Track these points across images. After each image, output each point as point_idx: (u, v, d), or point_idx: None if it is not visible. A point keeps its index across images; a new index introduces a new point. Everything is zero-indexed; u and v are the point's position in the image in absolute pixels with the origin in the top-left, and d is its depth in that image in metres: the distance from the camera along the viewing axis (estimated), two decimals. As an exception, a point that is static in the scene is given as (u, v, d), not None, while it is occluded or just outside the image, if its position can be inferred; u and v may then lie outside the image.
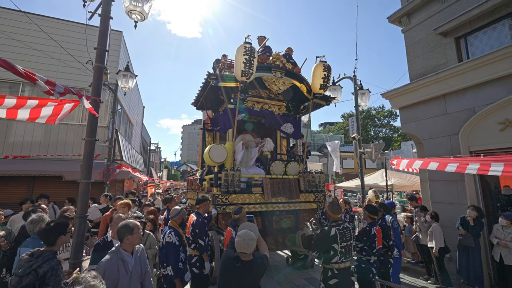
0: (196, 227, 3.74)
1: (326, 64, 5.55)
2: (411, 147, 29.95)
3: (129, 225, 2.35)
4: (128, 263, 2.27)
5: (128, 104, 13.58)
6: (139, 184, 14.54)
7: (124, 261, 2.25)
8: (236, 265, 2.21)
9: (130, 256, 2.32)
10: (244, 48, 4.69)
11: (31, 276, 2.07)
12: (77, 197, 2.98)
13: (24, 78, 2.09)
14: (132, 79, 7.52)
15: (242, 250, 2.22)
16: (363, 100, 7.92)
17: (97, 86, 3.19)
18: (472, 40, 5.69)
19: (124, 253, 2.27)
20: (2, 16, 9.04)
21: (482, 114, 4.91)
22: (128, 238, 2.30)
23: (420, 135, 6.10)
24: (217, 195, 4.74)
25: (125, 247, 2.30)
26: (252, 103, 5.88)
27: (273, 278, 5.13)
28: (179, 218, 3.52)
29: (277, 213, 5.41)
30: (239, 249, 2.24)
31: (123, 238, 2.31)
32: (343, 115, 48.57)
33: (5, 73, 8.25)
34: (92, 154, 3.09)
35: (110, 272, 2.14)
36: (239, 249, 2.24)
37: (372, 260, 3.62)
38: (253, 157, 5.59)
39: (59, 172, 8.03)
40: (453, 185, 5.37)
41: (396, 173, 10.49)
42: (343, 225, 3.04)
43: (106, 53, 3.31)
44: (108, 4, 3.44)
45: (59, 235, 2.32)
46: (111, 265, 2.18)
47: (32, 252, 2.22)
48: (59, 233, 2.32)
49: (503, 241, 4.17)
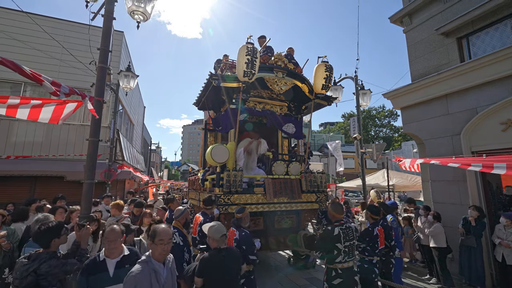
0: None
1: (328, 64, 5.54)
2: (412, 147, 29.95)
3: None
4: (161, 274, 2.04)
5: (129, 104, 13.60)
6: (140, 184, 14.55)
7: (157, 272, 2.01)
8: (221, 255, 2.47)
9: (162, 267, 2.09)
10: (246, 49, 4.69)
11: (30, 277, 2.07)
12: (81, 196, 2.99)
13: (30, 79, 2.11)
14: (133, 79, 7.54)
15: (224, 232, 2.57)
16: (364, 100, 7.92)
17: (100, 86, 3.20)
18: (474, 40, 5.68)
19: (156, 263, 2.04)
20: (4, 17, 9.06)
21: (484, 115, 4.91)
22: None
23: (422, 135, 6.10)
24: (219, 195, 4.75)
25: (154, 257, 2.06)
26: (254, 103, 5.88)
27: (274, 278, 5.14)
28: (182, 218, 3.53)
29: (279, 213, 5.41)
30: (221, 231, 2.55)
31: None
32: (343, 115, 48.56)
33: (7, 73, 8.30)
34: (95, 154, 3.11)
35: (142, 285, 1.91)
36: (220, 232, 2.55)
37: (374, 261, 3.63)
38: (253, 160, 5.59)
39: (60, 172, 8.05)
40: (454, 185, 5.37)
41: (398, 173, 10.49)
42: (346, 224, 3.05)
43: (109, 54, 3.32)
44: (111, 4, 3.46)
45: (52, 238, 2.26)
46: (143, 277, 1.94)
47: (29, 255, 2.21)
48: (51, 237, 2.26)
49: (505, 241, 4.17)
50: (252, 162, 5.50)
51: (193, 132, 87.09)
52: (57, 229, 2.32)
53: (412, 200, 7.15)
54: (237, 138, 5.39)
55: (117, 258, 2.25)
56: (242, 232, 3.24)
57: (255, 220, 5.25)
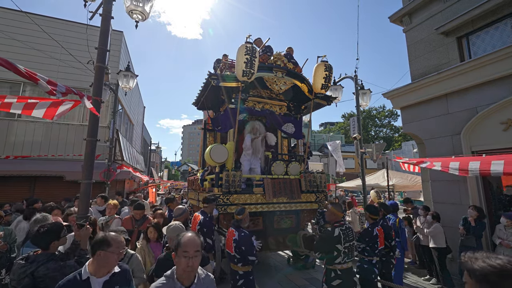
0: (205, 226, 3.77)
1: (328, 64, 5.53)
2: (412, 147, 29.90)
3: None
4: None
5: (129, 104, 13.58)
6: (140, 184, 14.54)
7: None
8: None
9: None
10: (246, 48, 4.68)
11: (28, 279, 2.03)
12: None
13: (25, 78, 2.09)
14: (132, 79, 7.51)
15: (179, 231, 2.56)
16: (364, 100, 7.89)
17: (98, 86, 3.18)
18: (474, 39, 5.66)
19: (178, 285, 1.64)
20: (3, 17, 9.05)
21: (484, 114, 4.89)
22: None
23: (422, 135, 6.08)
24: (218, 195, 4.73)
25: (178, 273, 1.67)
26: (253, 103, 5.86)
27: (274, 278, 5.12)
28: (182, 217, 3.54)
29: (278, 213, 5.39)
30: (176, 231, 2.62)
31: None
32: (343, 115, 48.54)
33: (6, 73, 8.27)
34: (93, 154, 3.08)
35: None
36: (175, 231, 2.62)
37: (374, 261, 3.61)
38: (258, 151, 5.62)
39: (60, 172, 8.04)
40: (455, 185, 5.35)
41: (398, 173, 10.47)
42: (345, 225, 3.03)
43: (107, 53, 3.30)
44: (109, 3, 3.44)
45: (51, 241, 2.21)
46: None
47: (27, 256, 2.16)
48: (51, 239, 2.21)
49: (506, 241, 4.15)
50: (258, 153, 5.61)
51: (193, 132, 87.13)
52: (57, 231, 2.26)
53: (408, 200, 7.12)
54: (237, 138, 5.37)
55: (105, 277, 1.76)
56: (242, 232, 3.22)
57: (254, 220, 5.24)
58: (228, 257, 3.34)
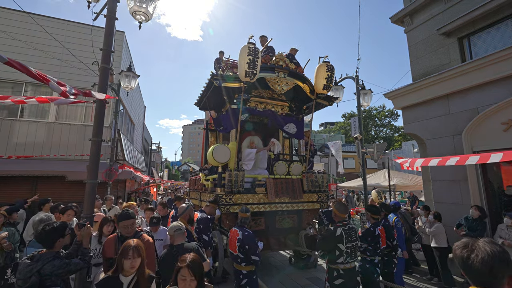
0: (201, 223, 3.92)
1: (329, 64, 5.54)
2: (412, 147, 29.85)
3: None
4: None
5: (130, 104, 13.60)
6: (141, 184, 14.55)
7: None
8: (173, 251, 2.61)
9: None
10: (248, 49, 4.69)
11: (34, 277, 2.06)
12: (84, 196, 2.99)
13: (37, 79, 2.11)
14: (134, 80, 7.53)
15: (176, 228, 2.70)
16: (365, 100, 7.90)
17: (103, 87, 3.20)
18: (476, 40, 5.68)
19: None
20: (5, 17, 9.06)
21: (486, 114, 4.91)
22: None
23: (423, 135, 6.10)
24: (221, 195, 4.75)
25: None
26: (255, 103, 5.89)
27: (275, 278, 5.14)
28: (186, 215, 3.60)
29: (280, 213, 5.42)
30: (174, 228, 2.71)
31: None
32: (344, 115, 48.48)
33: (7, 73, 8.31)
34: (98, 154, 3.11)
35: None
36: (173, 228, 2.71)
37: (376, 260, 3.63)
38: (262, 158, 5.75)
39: (62, 172, 8.04)
40: (456, 185, 5.37)
41: (399, 173, 10.49)
42: (348, 225, 3.05)
43: (111, 54, 3.32)
44: (113, 3, 3.46)
45: (57, 239, 2.26)
46: None
47: (32, 255, 2.20)
48: (57, 237, 2.26)
49: (508, 241, 4.17)
50: (262, 159, 5.72)
51: (193, 132, 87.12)
52: (62, 229, 2.33)
53: (428, 207, 7.07)
54: (239, 138, 5.40)
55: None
56: (245, 232, 3.24)
57: (257, 220, 5.26)
58: (231, 257, 3.36)
